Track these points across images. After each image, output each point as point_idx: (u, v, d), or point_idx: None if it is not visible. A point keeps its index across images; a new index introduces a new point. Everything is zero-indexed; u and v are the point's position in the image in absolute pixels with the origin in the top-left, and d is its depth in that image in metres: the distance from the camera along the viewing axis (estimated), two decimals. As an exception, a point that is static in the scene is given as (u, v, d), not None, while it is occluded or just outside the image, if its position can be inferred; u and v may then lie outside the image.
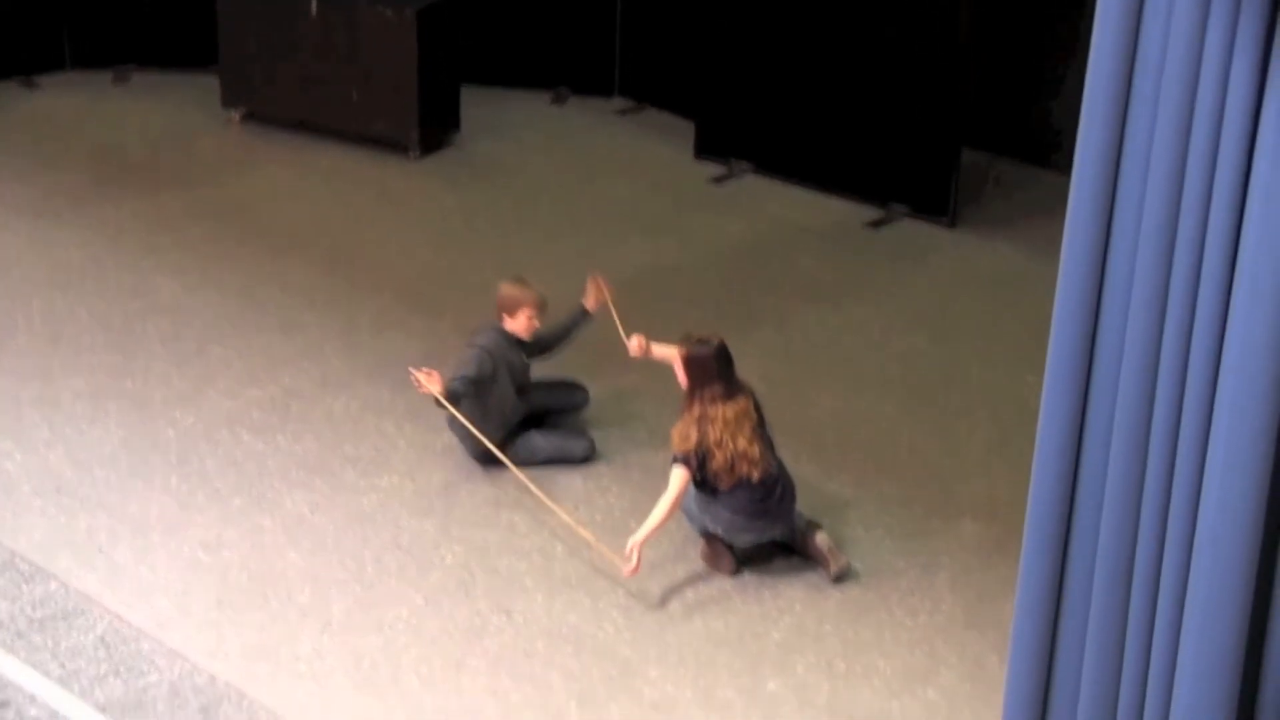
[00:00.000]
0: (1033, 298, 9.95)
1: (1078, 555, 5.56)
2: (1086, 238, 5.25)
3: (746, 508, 7.42)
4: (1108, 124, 5.12)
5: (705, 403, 7.34)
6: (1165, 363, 5.14)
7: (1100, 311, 5.31)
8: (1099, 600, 5.46)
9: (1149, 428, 5.24)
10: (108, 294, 9.83)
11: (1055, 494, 5.53)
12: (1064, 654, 5.64)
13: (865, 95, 11.11)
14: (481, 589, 7.41)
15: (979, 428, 8.76)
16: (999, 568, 7.56)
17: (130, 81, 13.05)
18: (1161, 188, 5.02)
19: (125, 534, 7.68)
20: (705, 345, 7.42)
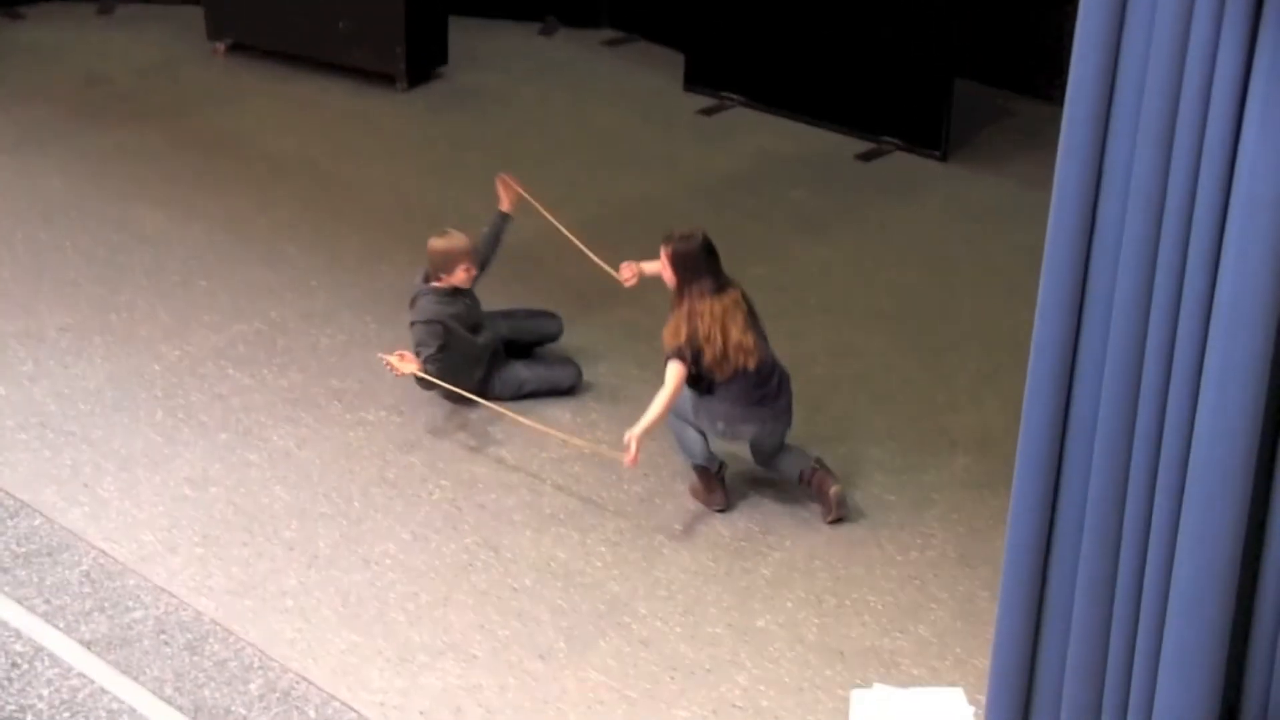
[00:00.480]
0: (1025, 229, 9.86)
1: (1070, 488, 5.51)
2: (1078, 169, 5.18)
3: (744, 397, 7.28)
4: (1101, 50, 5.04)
5: (694, 298, 7.23)
6: (1158, 294, 5.09)
7: (1093, 242, 5.25)
8: (1091, 534, 5.42)
9: (1142, 357, 5.19)
10: (91, 226, 9.73)
11: (1047, 426, 5.47)
12: (1056, 590, 5.59)
13: (856, 26, 10.99)
14: (469, 524, 7.35)
15: (971, 360, 8.70)
16: (990, 502, 7.51)
17: (114, 13, 12.90)
18: (1156, 114, 4.95)
19: (110, 469, 7.61)
20: (689, 240, 7.30)
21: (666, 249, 7.31)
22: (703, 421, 7.40)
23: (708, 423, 7.40)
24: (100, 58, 12.08)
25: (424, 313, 7.90)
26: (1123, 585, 5.39)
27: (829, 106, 11.27)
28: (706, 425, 7.41)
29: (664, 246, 7.33)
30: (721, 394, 7.30)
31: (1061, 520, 5.53)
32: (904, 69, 10.87)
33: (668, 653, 6.66)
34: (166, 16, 12.72)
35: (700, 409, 7.37)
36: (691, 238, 7.31)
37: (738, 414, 7.33)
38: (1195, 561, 5.12)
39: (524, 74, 12.00)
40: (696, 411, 7.39)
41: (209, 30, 12.19)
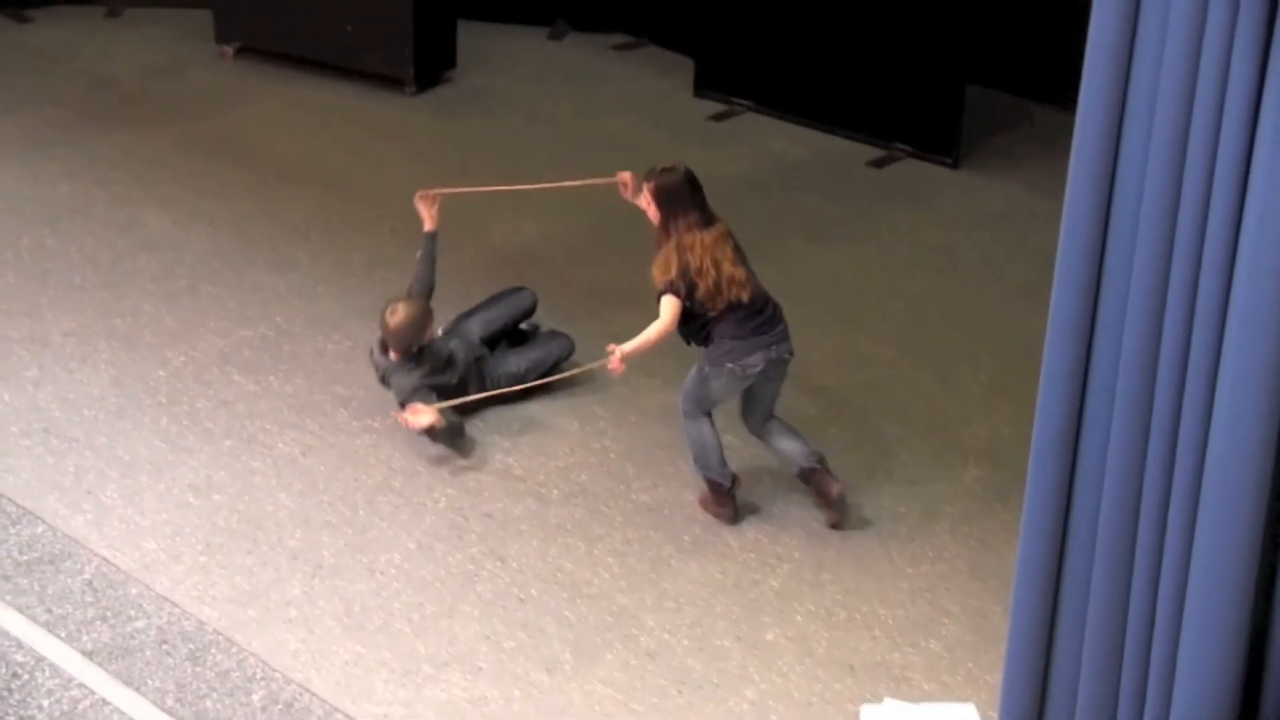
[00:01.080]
0: (1037, 236, 9.82)
1: (1082, 501, 5.45)
2: (1091, 175, 5.13)
3: (745, 329, 7.16)
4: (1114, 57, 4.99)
5: (681, 231, 7.14)
6: (1172, 302, 5.03)
7: (1106, 250, 5.19)
8: (1104, 548, 5.35)
9: (1155, 369, 5.13)
10: (98, 230, 9.68)
11: (1060, 438, 5.42)
12: (1068, 605, 5.53)
13: (868, 31, 10.92)
14: (475, 533, 7.29)
15: (982, 370, 8.63)
16: (1002, 514, 7.44)
17: (122, 16, 12.86)
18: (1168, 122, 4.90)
19: (114, 475, 7.56)
20: (672, 173, 7.22)
21: (649, 184, 7.20)
22: (712, 382, 7.18)
23: (718, 378, 7.17)
24: (107, 60, 12.04)
25: (404, 391, 7.78)
26: (1137, 599, 5.32)
27: (840, 112, 11.20)
28: (718, 383, 7.18)
29: (646, 182, 7.22)
30: (720, 331, 7.16)
31: (1074, 533, 5.46)
32: (916, 75, 10.81)
33: (675, 666, 6.59)
34: (174, 20, 12.68)
35: (706, 364, 7.18)
36: (674, 170, 7.22)
37: (741, 347, 7.15)
38: (1210, 574, 5.06)
39: (533, 78, 11.94)
40: (704, 375, 7.19)
41: (217, 33, 12.15)
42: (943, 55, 10.67)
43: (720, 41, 11.64)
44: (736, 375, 7.20)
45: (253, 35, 12.06)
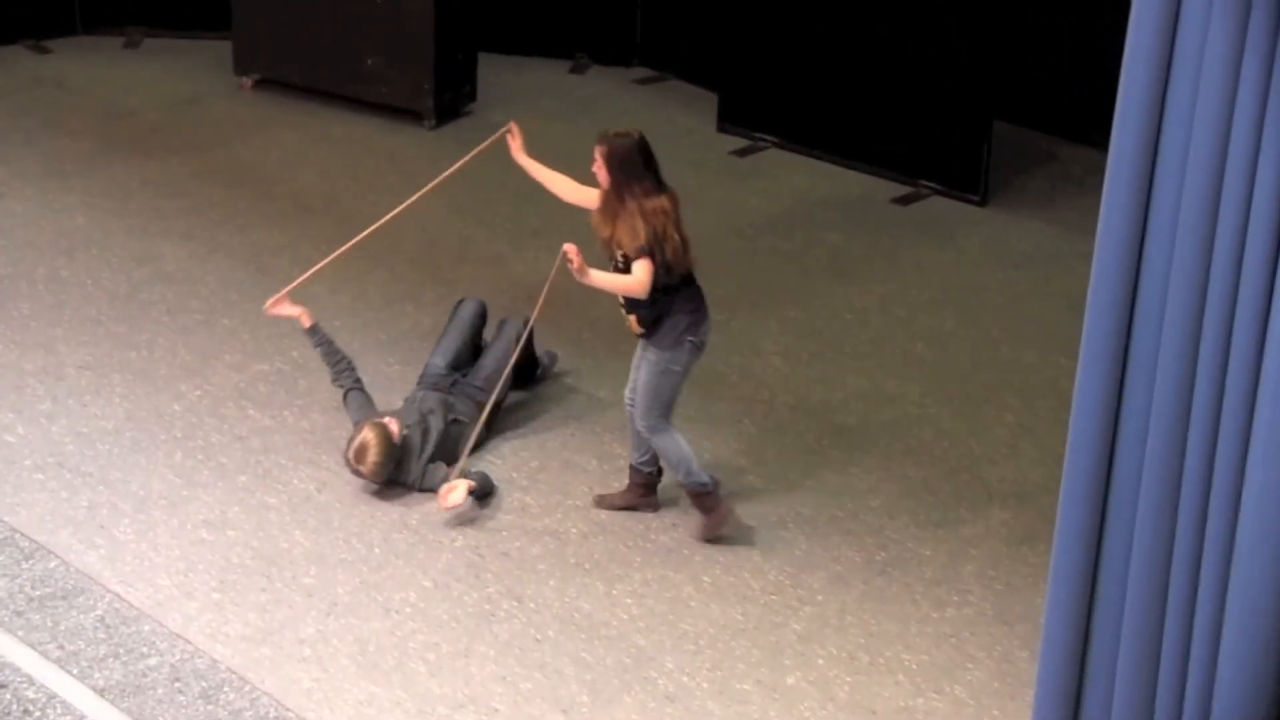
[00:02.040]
0: (1066, 277, 9.81)
1: (1112, 546, 5.42)
2: (1124, 216, 5.11)
3: (695, 301, 7.34)
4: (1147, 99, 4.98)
5: (639, 197, 7.18)
6: (1205, 346, 5.01)
7: (1137, 292, 5.18)
8: (1135, 593, 5.32)
9: (1188, 413, 5.10)
10: (114, 262, 9.70)
11: (1089, 481, 5.39)
12: (1098, 650, 5.49)
13: (894, 67, 10.93)
14: (492, 572, 7.27)
15: (1009, 411, 8.60)
16: (1029, 558, 7.41)
17: (141, 46, 12.91)
18: (1203, 164, 4.89)
19: (127, 510, 7.55)
20: (626, 137, 7.27)
21: (602, 148, 7.24)
22: (674, 368, 7.27)
23: (678, 361, 7.27)
24: (126, 92, 12.08)
25: (417, 482, 7.75)
26: (1169, 648, 5.28)
27: (865, 149, 11.20)
28: (679, 366, 7.28)
29: (599, 146, 7.26)
30: (676, 308, 7.24)
31: (1104, 578, 5.43)
32: (942, 111, 10.80)
33: (694, 709, 6.55)
34: (194, 51, 12.72)
35: (662, 351, 7.25)
36: (628, 135, 7.27)
37: (696, 318, 7.31)
38: (1243, 625, 5.02)
39: (554, 112, 11.96)
40: (662, 367, 7.25)
41: (236, 65, 12.19)
42: (970, 92, 10.66)
43: (744, 76, 11.65)
44: (696, 348, 7.35)
45: (272, 67, 12.10)
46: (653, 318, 7.29)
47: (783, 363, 9.00)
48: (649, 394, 7.37)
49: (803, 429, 8.39)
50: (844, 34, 11.06)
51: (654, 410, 7.38)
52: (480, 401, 8.04)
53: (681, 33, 12.53)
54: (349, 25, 11.69)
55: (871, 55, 11.00)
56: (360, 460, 7.62)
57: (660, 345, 7.30)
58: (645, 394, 7.38)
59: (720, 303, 9.44)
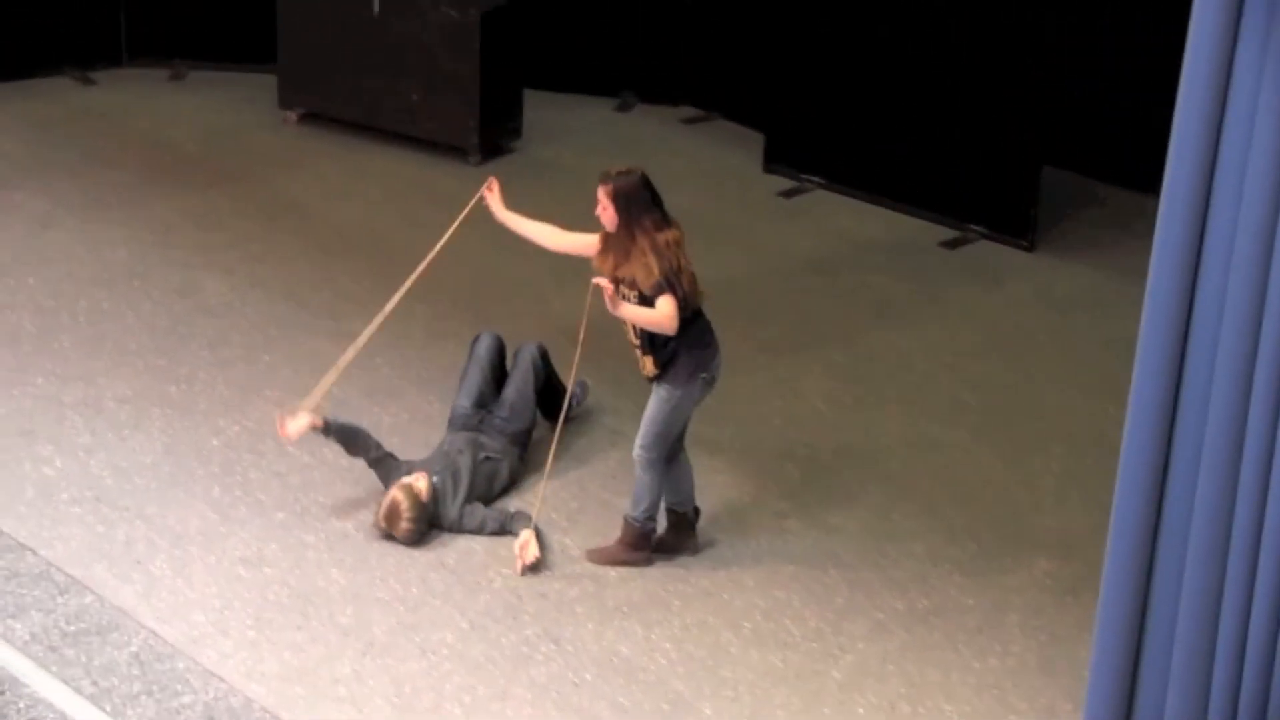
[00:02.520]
0: (1115, 322, 9.77)
1: (1160, 598, 5.38)
2: (1176, 262, 5.09)
3: (706, 336, 7.38)
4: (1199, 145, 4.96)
5: (650, 232, 7.22)
6: (1258, 393, 4.98)
7: (1189, 338, 5.15)
8: (1183, 647, 5.28)
9: (1239, 464, 5.07)
10: (155, 294, 9.76)
11: (1137, 531, 5.36)
12: (1144, 703, 5.45)
13: (943, 110, 10.93)
14: (530, 614, 7.26)
15: (1055, 459, 8.56)
16: (1074, 609, 7.36)
17: (186, 78, 13.01)
18: (1257, 209, 4.86)
19: (164, 546, 7.58)
20: (630, 174, 7.33)
21: (606, 187, 7.28)
22: (684, 403, 7.32)
23: (689, 397, 7.33)
24: (170, 124, 12.17)
25: (479, 526, 7.79)
26: (1217, 697, 5.24)
27: (913, 191, 11.19)
28: (688, 401, 7.34)
29: (602, 186, 7.30)
30: (686, 343, 7.26)
31: (1151, 630, 5.40)
32: (991, 154, 10.79)
33: (733, 757, 6.53)
34: (239, 83, 12.81)
35: (673, 388, 7.28)
36: (631, 173, 7.33)
37: (707, 354, 7.34)
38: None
39: (599, 150, 11.98)
40: (673, 402, 7.28)
41: (281, 98, 12.26)
42: (1019, 135, 10.66)
43: (791, 116, 11.66)
44: (708, 383, 7.38)
45: (316, 101, 12.17)
46: (666, 358, 7.31)
47: (826, 406, 8.98)
48: (655, 425, 7.39)
49: (846, 474, 8.37)
50: (892, 75, 11.07)
51: (657, 443, 7.42)
52: (509, 433, 8.06)
53: (728, 72, 12.56)
54: (394, 60, 11.75)
55: (920, 97, 11.00)
56: (392, 524, 7.63)
57: (673, 382, 7.33)
58: (650, 425, 7.40)
59: (764, 345, 9.49)
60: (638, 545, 7.57)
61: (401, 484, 7.67)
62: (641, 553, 7.57)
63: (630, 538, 7.57)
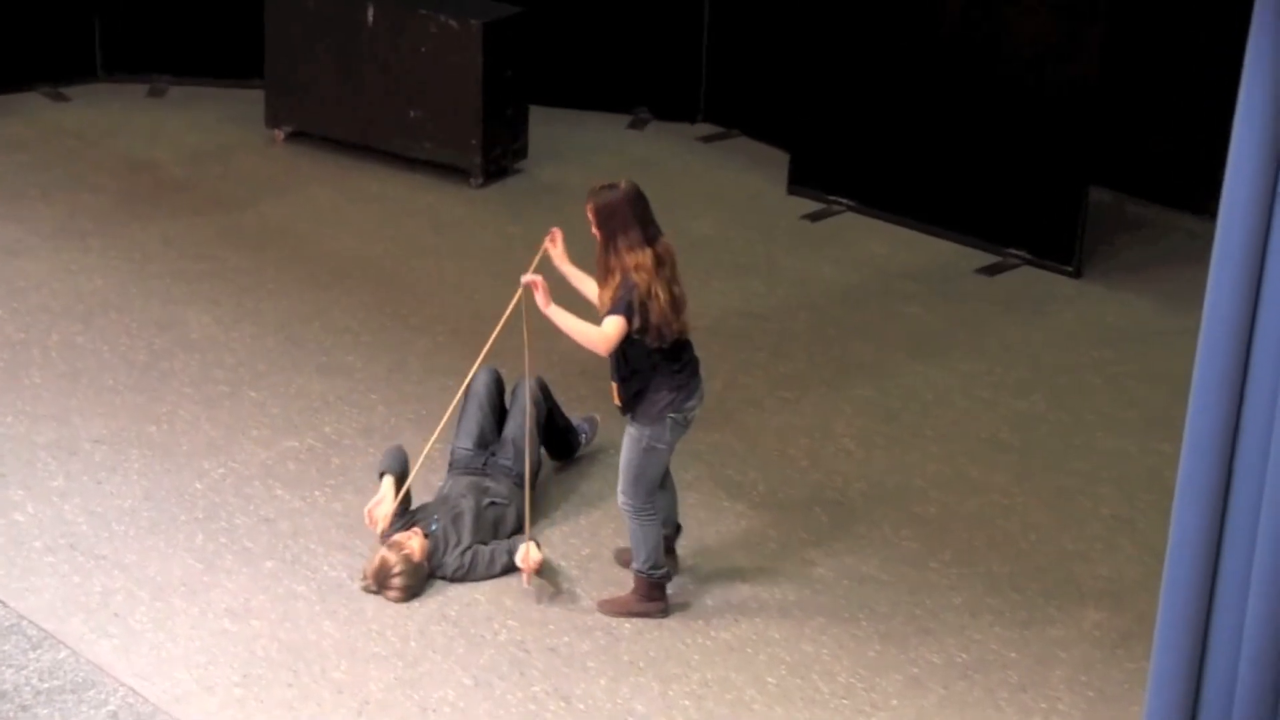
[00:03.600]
0: (1168, 355, 9.80)
1: (1217, 652, 5.41)
2: (1234, 290, 5.12)
3: (684, 374, 7.41)
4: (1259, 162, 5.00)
5: (622, 252, 7.27)
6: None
7: (1248, 372, 5.18)
8: (1243, 708, 5.30)
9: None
10: (133, 328, 9.81)
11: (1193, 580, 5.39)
12: (1201, 767, 5.47)
13: (981, 125, 10.98)
14: (538, 670, 7.30)
15: (1104, 503, 8.59)
16: (1124, 663, 7.39)
17: (167, 94, 13.09)
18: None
19: (144, 597, 7.62)
20: (612, 189, 7.39)
21: (588, 204, 7.38)
22: (659, 446, 7.36)
23: (660, 439, 7.36)
24: (149, 143, 12.24)
25: (483, 571, 7.85)
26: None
27: (948, 214, 11.24)
28: (663, 443, 7.37)
29: (587, 203, 7.39)
30: (657, 384, 7.31)
31: (1209, 688, 5.42)
32: (1033, 174, 10.84)
33: (757, 823, 6.56)
34: (223, 99, 12.89)
35: (644, 428, 7.34)
36: (614, 187, 7.39)
37: (680, 395, 7.36)
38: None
39: (611, 171, 11.96)
40: (646, 445, 7.35)
41: (268, 116, 12.34)
42: (1063, 153, 10.70)
43: (817, 133, 11.72)
44: (679, 425, 7.41)
45: (306, 119, 12.24)
46: (633, 391, 7.38)
47: (856, 447, 9.02)
48: (630, 469, 7.46)
49: (878, 519, 8.41)
50: (926, 88, 11.13)
51: (638, 490, 7.47)
52: (515, 475, 8.10)
53: (750, 86, 12.62)
54: (390, 75, 11.82)
55: (957, 112, 11.05)
56: (383, 587, 7.67)
57: (641, 420, 7.40)
58: (626, 469, 7.47)
59: (789, 381, 9.53)
60: (651, 595, 7.63)
61: (392, 542, 7.71)
62: (656, 603, 7.63)
63: (642, 589, 7.62)
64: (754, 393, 9.45)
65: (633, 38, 12.87)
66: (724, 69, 12.78)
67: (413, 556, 7.67)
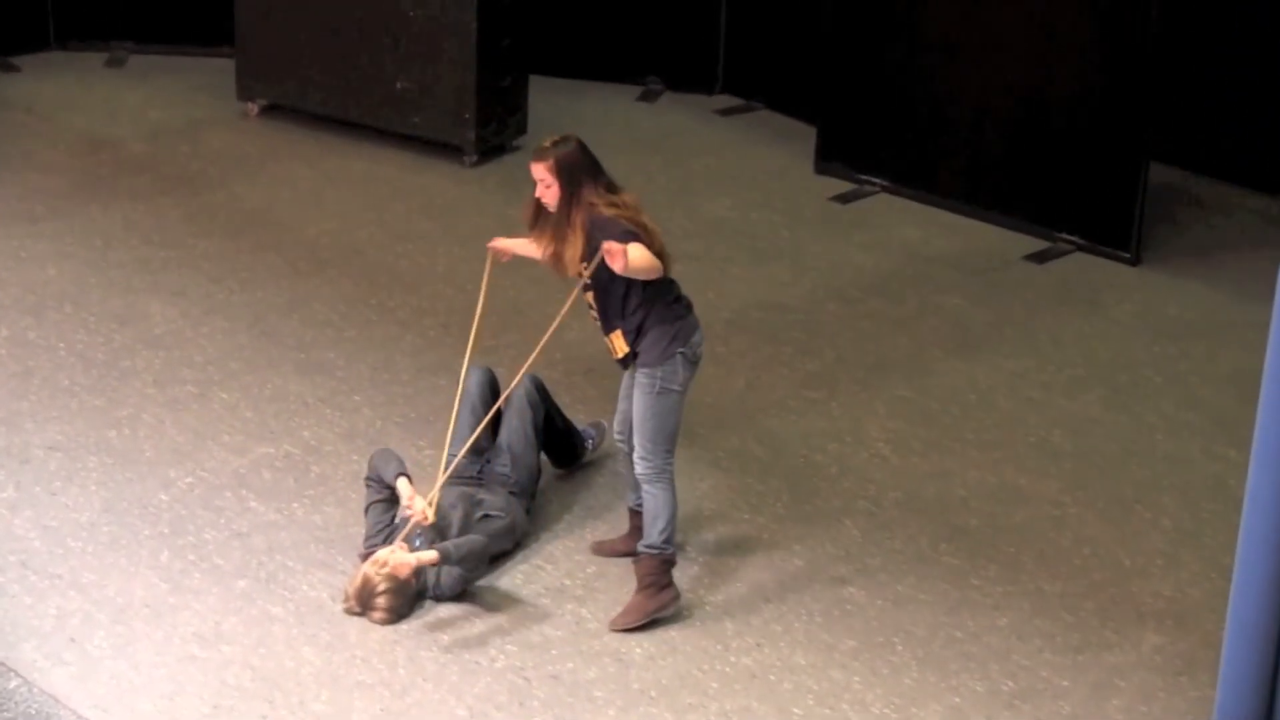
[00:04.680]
0: (1235, 351, 9.80)
1: (1290, 679, 5.42)
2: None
3: (681, 307, 7.62)
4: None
5: (597, 198, 7.51)
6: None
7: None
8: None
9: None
10: (91, 322, 9.83)
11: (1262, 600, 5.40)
12: (1272, 805, 5.49)
13: (1028, 97, 10.98)
14: (539, 700, 7.31)
15: (1165, 514, 8.60)
16: (1188, 691, 7.40)
17: (127, 64, 13.11)
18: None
19: (103, 620, 7.63)
20: (567, 141, 7.63)
21: (546, 162, 7.55)
22: (673, 387, 7.51)
23: (674, 377, 7.51)
24: (108, 118, 12.26)
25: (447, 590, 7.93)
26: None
27: (992, 195, 11.24)
28: (676, 382, 7.52)
29: (541, 163, 7.57)
30: (654, 319, 7.49)
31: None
32: (1086, 150, 10.84)
33: None
34: (190, 69, 12.90)
35: (654, 371, 7.49)
36: (568, 139, 7.64)
37: (683, 326, 7.57)
38: None
39: (619, 148, 12.03)
40: (659, 387, 7.48)
41: (240, 88, 12.35)
42: (1120, 126, 10.70)
43: (847, 106, 11.73)
44: (689, 361, 7.57)
45: (282, 91, 12.25)
46: (635, 326, 7.54)
47: (891, 452, 9.03)
48: (648, 424, 7.56)
49: (915, 532, 8.42)
50: (967, 56, 11.12)
51: (658, 447, 7.58)
52: (512, 484, 8.12)
53: (773, 54, 12.63)
54: (375, 42, 11.84)
55: (1000, 82, 11.04)
56: (366, 609, 7.69)
57: (648, 361, 7.53)
58: (645, 424, 7.57)
59: (817, 380, 9.55)
60: (661, 582, 7.67)
61: (375, 559, 7.73)
62: (668, 591, 7.69)
63: (650, 573, 7.67)
64: (778, 393, 9.46)
65: (643, 0, 12.88)
66: (744, 35, 12.79)
67: (398, 574, 7.68)
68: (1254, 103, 11.38)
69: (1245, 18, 11.39)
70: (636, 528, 7.94)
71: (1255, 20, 11.33)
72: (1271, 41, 11.22)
